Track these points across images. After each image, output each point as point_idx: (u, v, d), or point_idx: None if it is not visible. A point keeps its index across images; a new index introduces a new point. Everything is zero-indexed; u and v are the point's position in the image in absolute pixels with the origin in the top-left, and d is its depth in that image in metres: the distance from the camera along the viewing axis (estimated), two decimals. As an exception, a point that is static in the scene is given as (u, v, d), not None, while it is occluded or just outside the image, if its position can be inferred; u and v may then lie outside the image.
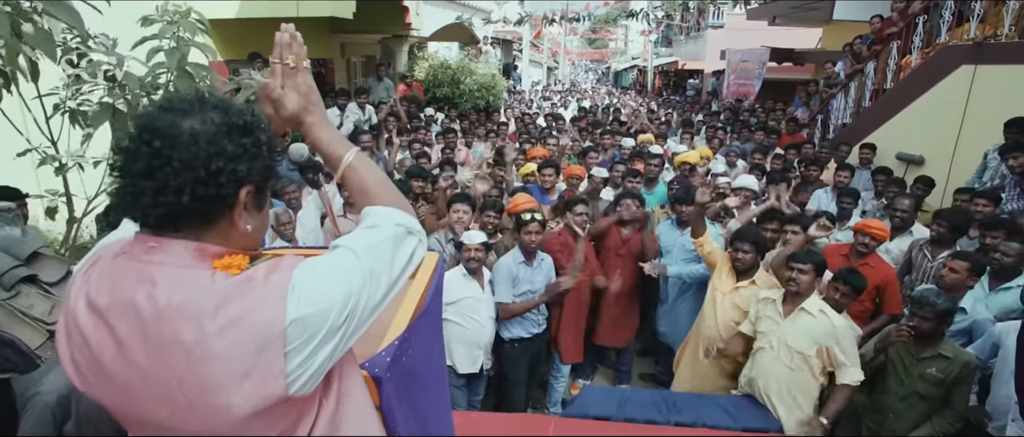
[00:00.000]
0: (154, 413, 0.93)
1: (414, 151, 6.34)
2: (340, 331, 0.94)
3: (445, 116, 9.08)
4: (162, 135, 0.89)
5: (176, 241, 0.92)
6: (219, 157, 0.90)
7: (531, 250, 3.73)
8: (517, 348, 3.79)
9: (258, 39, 7.45)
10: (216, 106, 0.95)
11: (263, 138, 0.98)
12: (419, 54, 10.83)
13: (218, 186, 0.91)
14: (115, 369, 0.91)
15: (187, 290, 0.89)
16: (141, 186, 0.89)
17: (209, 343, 0.87)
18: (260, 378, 0.88)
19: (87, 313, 0.93)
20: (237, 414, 0.90)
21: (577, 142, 7.35)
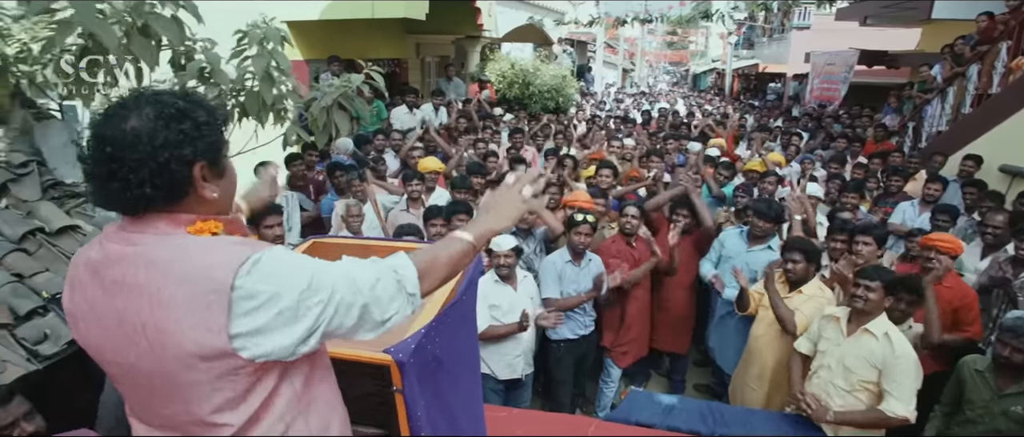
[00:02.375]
0: (125, 355, 1.07)
1: (479, 151, 6.45)
2: (295, 325, 1.03)
3: (514, 117, 9.17)
4: (111, 140, 1.00)
5: (152, 215, 1.05)
6: (164, 149, 1.01)
7: (579, 251, 3.71)
8: (563, 349, 3.79)
9: (336, 40, 7.84)
10: (150, 101, 1.04)
11: (201, 117, 1.07)
12: (490, 55, 10.99)
13: (171, 173, 1.02)
14: (101, 314, 1.08)
15: (160, 248, 1.03)
16: (109, 187, 1.01)
17: (169, 289, 1.00)
18: (206, 329, 0.99)
19: (85, 268, 1.10)
20: (187, 358, 1.01)
21: (643, 146, 7.24)
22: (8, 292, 2.25)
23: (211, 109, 1.10)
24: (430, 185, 5.06)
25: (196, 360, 1.01)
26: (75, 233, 2.66)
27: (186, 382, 1.03)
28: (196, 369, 1.02)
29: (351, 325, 1.11)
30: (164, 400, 1.08)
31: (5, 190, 2.69)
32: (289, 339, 1.03)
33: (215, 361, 1.01)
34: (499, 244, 3.41)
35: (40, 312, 2.24)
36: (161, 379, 1.05)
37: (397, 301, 1.15)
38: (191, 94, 1.11)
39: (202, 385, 1.03)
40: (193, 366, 1.02)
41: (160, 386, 1.07)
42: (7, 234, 2.51)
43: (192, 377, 1.03)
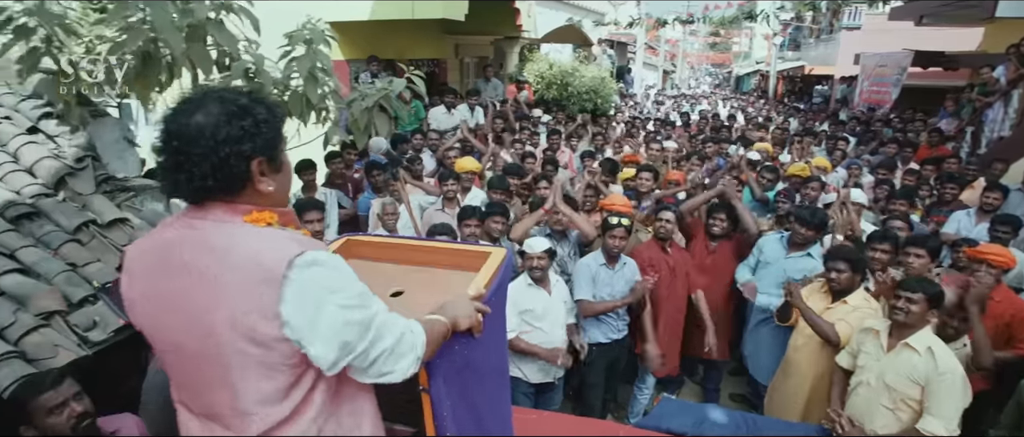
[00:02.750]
0: (180, 338, 1.13)
1: (516, 151, 6.46)
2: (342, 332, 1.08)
3: (552, 118, 9.14)
4: (177, 134, 1.08)
5: (213, 204, 1.13)
6: (226, 144, 1.08)
7: (613, 254, 3.67)
8: (595, 352, 3.74)
9: (376, 40, 7.97)
10: (215, 98, 1.11)
11: (261, 115, 1.13)
12: (529, 55, 10.99)
13: (231, 167, 1.09)
14: (161, 297, 1.14)
15: (217, 234, 1.10)
16: (176, 177, 1.09)
17: (225, 274, 1.06)
18: (259, 315, 1.05)
19: (147, 253, 1.18)
20: (239, 342, 1.07)
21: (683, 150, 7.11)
22: (62, 280, 2.37)
23: (271, 107, 1.16)
24: (466, 185, 5.09)
25: (251, 344, 1.06)
26: (124, 226, 2.78)
27: (236, 367, 1.09)
28: (247, 355, 1.07)
29: (371, 359, 1.14)
30: (212, 386, 1.13)
31: (62, 183, 2.83)
32: (331, 347, 1.08)
33: (266, 349, 1.07)
34: (532, 246, 3.38)
35: (91, 300, 2.35)
36: (212, 363, 1.11)
37: (408, 358, 1.20)
38: (254, 92, 1.18)
39: (250, 371, 1.09)
40: (244, 352, 1.07)
41: (210, 371, 1.12)
42: (63, 225, 2.64)
43: (242, 363, 1.08)
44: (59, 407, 1.85)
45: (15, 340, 2.07)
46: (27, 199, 2.69)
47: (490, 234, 3.92)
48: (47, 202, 2.71)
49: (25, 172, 2.83)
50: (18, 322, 2.11)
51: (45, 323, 2.17)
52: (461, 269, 1.86)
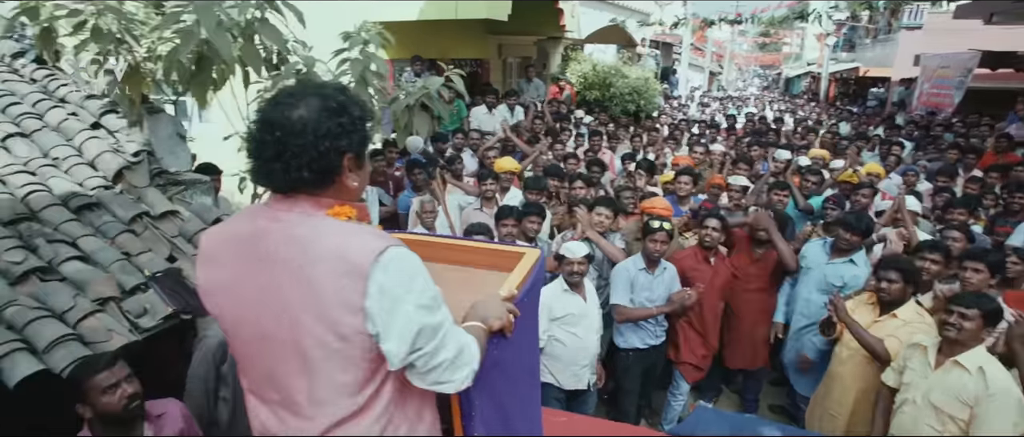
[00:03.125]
0: (262, 327, 1.16)
1: (557, 152, 6.43)
2: (412, 327, 1.10)
3: (594, 119, 9.08)
4: (280, 125, 1.10)
5: (299, 196, 1.15)
6: (325, 138, 1.10)
7: (654, 258, 3.60)
8: (631, 358, 3.69)
9: (420, 40, 8.07)
10: (314, 93, 1.13)
11: (356, 113, 1.16)
12: (572, 56, 10.92)
13: (327, 161, 1.12)
14: (243, 286, 1.17)
15: (303, 227, 1.13)
16: (272, 167, 1.11)
17: (311, 267, 1.08)
18: (345, 309, 1.08)
19: (230, 243, 1.20)
20: (323, 333, 1.09)
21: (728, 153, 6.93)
22: (117, 268, 2.49)
23: (363, 106, 1.19)
24: (505, 185, 5.09)
25: (334, 337, 1.09)
26: (174, 218, 2.90)
27: (316, 358, 1.11)
28: (328, 347, 1.10)
29: (433, 365, 1.15)
30: (289, 375, 1.16)
31: (120, 176, 2.98)
32: (403, 343, 1.10)
33: (350, 340, 1.09)
34: (572, 251, 3.32)
35: (142, 288, 2.46)
36: (292, 353, 1.13)
37: (465, 371, 1.21)
38: (347, 90, 1.20)
39: (330, 363, 1.11)
40: (329, 344, 1.09)
41: (289, 360, 1.14)
42: (119, 216, 2.77)
43: (323, 354, 1.11)
44: (112, 387, 1.95)
45: (74, 323, 2.19)
46: (89, 191, 2.84)
47: (526, 234, 3.92)
48: (106, 194, 2.85)
49: (88, 165, 2.99)
50: (77, 307, 2.22)
51: (101, 308, 2.28)
52: (496, 269, 1.86)
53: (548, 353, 3.44)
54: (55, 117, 3.14)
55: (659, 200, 4.23)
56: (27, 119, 3.08)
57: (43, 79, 3.39)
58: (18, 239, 2.44)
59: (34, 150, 2.95)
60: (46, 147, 2.98)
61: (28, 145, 2.95)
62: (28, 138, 3.00)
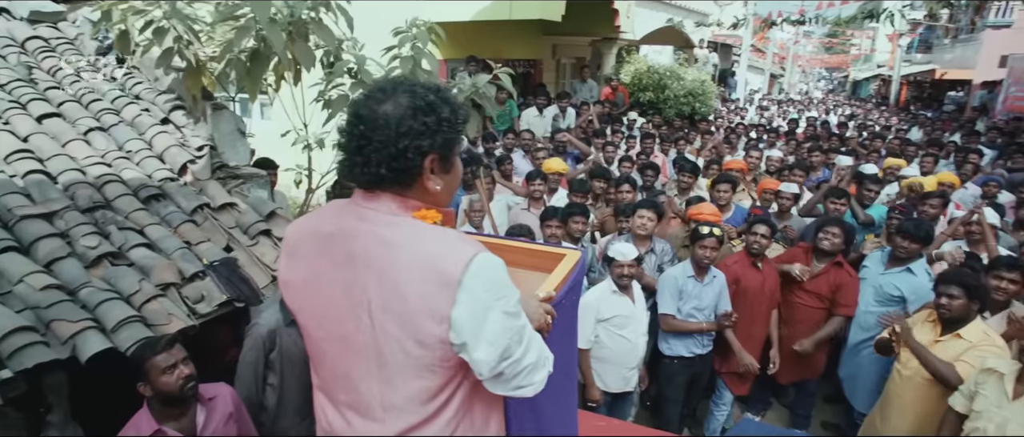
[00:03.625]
0: (341, 327, 1.15)
1: (607, 154, 6.36)
2: (500, 337, 1.07)
3: (647, 121, 8.92)
4: (365, 120, 1.08)
5: (385, 195, 1.13)
6: (406, 137, 1.07)
7: (703, 265, 3.51)
8: (676, 365, 3.61)
9: (474, 40, 8.15)
10: (406, 90, 1.11)
11: (445, 113, 1.12)
12: (627, 57, 10.77)
13: (406, 160, 1.08)
14: (326, 283, 1.16)
15: (391, 228, 1.10)
16: (353, 160, 1.10)
17: (400, 272, 1.06)
18: (429, 316, 1.05)
19: (315, 239, 1.19)
20: (404, 339, 1.07)
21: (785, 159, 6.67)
22: (179, 256, 2.63)
23: (456, 108, 1.15)
24: (553, 186, 5.09)
25: (413, 342, 1.07)
26: (232, 209, 3.03)
27: (393, 363, 1.10)
28: (410, 352, 1.08)
29: (519, 369, 1.13)
30: (364, 378, 1.14)
31: (185, 169, 3.14)
32: (492, 351, 1.07)
33: (430, 347, 1.07)
34: (622, 254, 3.29)
35: (200, 276, 2.58)
36: (371, 355, 1.12)
37: (542, 373, 1.19)
38: (442, 90, 1.16)
39: (407, 369, 1.09)
40: (408, 349, 1.07)
41: (365, 363, 1.13)
42: (183, 206, 2.93)
43: (402, 359, 1.09)
44: (170, 368, 2.05)
45: (138, 306, 2.32)
46: (156, 182, 3.01)
47: (571, 235, 3.89)
48: (171, 185, 3.02)
49: (156, 158, 3.16)
50: (141, 290, 2.36)
51: (162, 293, 2.42)
52: (536, 269, 1.85)
53: (595, 355, 3.43)
54: (130, 113, 3.35)
55: (707, 205, 4.12)
56: (106, 114, 3.29)
57: (122, 77, 3.61)
58: (94, 225, 2.61)
59: (111, 143, 3.15)
60: (121, 140, 3.18)
61: (106, 138, 3.15)
62: (106, 132, 3.20)
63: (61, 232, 2.52)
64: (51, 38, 3.72)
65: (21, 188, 2.66)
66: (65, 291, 2.27)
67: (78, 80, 3.46)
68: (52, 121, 3.09)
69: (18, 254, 2.36)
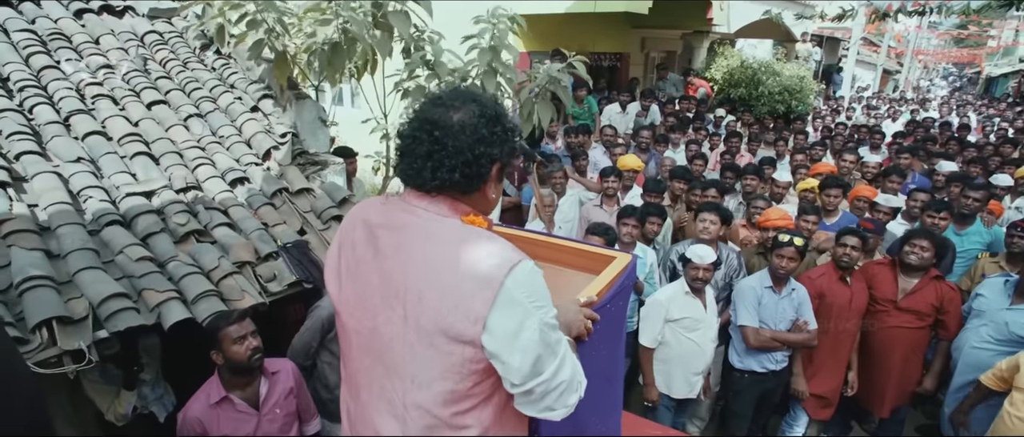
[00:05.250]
0: (373, 317, 1.16)
1: (689, 152, 6.11)
2: (535, 347, 1.06)
3: (735, 118, 8.47)
4: (440, 126, 1.10)
5: (440, 197, 1.15)
6: (480, 144, 1.11)
7: (780, 276, 3.28)
8: (747, 380, 3.41)
9: (559, 33, 8.08)
10: (473, 100, 1.14)
11: (508, 124, 1.17)
12: (719, 51, 10.26)
13: (479, 167, 1.12)
14: (366, 272, 1.18)
15: (440, 225, 1.12)
16: (423, 164, 1.11)
17: (442, 267, 1.07)
18: (465, 314, 1.04)
19: (362, 227, 1.22)
20: (436, 335, 1.08)
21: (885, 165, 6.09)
22: (256, 236, 2.81)
23: (511, 121, 1.20)
24: (627, 184, 4.96)
25: (445, 339, 1.06)
26: (308, 194, 3.19)
27: (422, 358, 1.09)
28: (439, 348, 1.07)
29: (551, 388, 1.11)
30: (390, 372, 1.14)
31: (268, 154, 3.34)
32: (527, 359, 1.05)
33: (459, 346, 1.06)
34: (701, 256, 3.18)
35: (273, 256, 2.75)
36: (399, 348, 1.12)
37: (574, 397, 1.16)
38: (500, 102, 1.22)
39: (435, 367, 1.09)
40: (438, 345, 1.07)
41: (394, 356, 1.13)
42: (264, 190, 3.12)
43: (430, 355, 1.09)
44: (241, 339, 2.20)
45: (217, 281, 2.51)
46: (242, 166, 3.23)
47: (647, 236, 3.78)
48: (255, 170, 3.22)
49: (244, 143, 3.40)
50: (220, 267, 2.55)
51: (238, 271, 2.59)
52: (584, 271, 1.81)
53: (659, 356, 3.35)
54: (225, 100, 3.61)
55: (774, 210, 3.83)
56: (204, 102, 3.57)
57: (220, 67, 3.90)
58: (185, 205, 2.84)
59: (206, 129, 3.42)
60: (215, 126, 3.44)
61: (202, 124, 3.43)
62: (203, 118, 3.48)
63: (157, 209, 2.76)
64: (165, 32, 4.08)
65: (129, 169, 2.95)
66: (156, 263, 2.49)
67: (184, 70, 3.78)
68: (159, 108, 3.40)
69: (121, 227, 2.61)
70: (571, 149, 5.92)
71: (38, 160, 2.74)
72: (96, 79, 3.36)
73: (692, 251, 3.24)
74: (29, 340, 2.03)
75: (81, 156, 2.85)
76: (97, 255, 2.41)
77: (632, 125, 7.55)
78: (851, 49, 12.59)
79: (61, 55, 3.45)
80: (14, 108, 2.97)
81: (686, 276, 3.26)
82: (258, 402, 2.27)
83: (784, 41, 13.16)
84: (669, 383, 3.37)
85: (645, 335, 3.34)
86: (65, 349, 2.04)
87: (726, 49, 10.33)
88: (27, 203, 2.52)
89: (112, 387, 2.66)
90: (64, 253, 2.36)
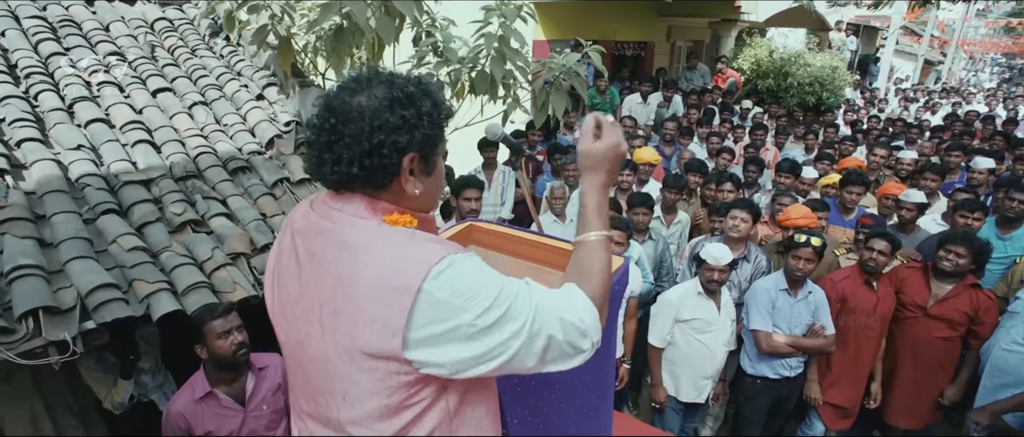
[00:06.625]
0: (297, 330, 1.06)
1: (712, 146, 5.90)
2: (473, 343, 0.93)
3: (762, 111, 8.19)
4: (337, 113, 0.98)
5: (356, 195, 1.03)
6: (380, 130, 0.97)
7: (796, 278, 3.12)
8: (759, 386, 3.26)
9: (582, 20, 7.90)
10: (384, 81, 1.01)
11: (425, 107, 1.01)
12: (748, 40, 9.93)
13: (380, 157, 0.98)
14: (289, 282, 1.08)
15: (353, 230, 1.00)
16: (322, 157, 1.00)
17: (356, 276, 0.95)
18: (381, 327, 0.93)
19: (288, 233, 1.12)
20: (355, 352, 0.97)
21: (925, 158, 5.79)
22: (253, 227, 2.76)
23: (439, 102, 1.05)
24: (643, 177, 4.82)
25: (363, 356, 0.96)
26: (310, 184, 3.14)
27: (346, 376, 1.00)
28: (360, 366, 0.97)
29: (530, 365, 0.99)
30: (319, 389, 1.06)
31: (272, 143, 3.30)
32: (463, 354, 0.94)
33: (382, 362, 0.96)
34: (716, 257, 3.04)
35: (270, 248, 2.70)
36: (323, 365, 1.02)
37: (577, 359, 1.02)
38: (426, 83, 1.05)
39: (361, 384, 0.99)
40: (358, 362, 0.97)
41: (320, 373, 1.04)
42: (265, 180, 3.08)
43: (354, 373, 0.99)
44: (225, 334, 2.16)
45: (209, 273, 2.47)
46: (244, 155, 3.19)
47: (636, 227, 3.66)
48: (257, 159, 3.19)
49: (248, 132, 3.36)
50: (213, 258, 2.51)
51: (232, 262, 2.55)
52: (572, 272, 1.71)
53: (668, 358, 3.25)
54: (231, 88, 3.58)
55: (796, 208, 3.63)
56: (210, 89, 3.55)
57: (228, 55, 3.87)
58: (183, 194, 2.81)
59: (210, 116, 3.39)
60: (220, 114, 3.41)
61: (206, 112, 3.40)
62: (208, 106, 3.45)
63: (155, 198, 2.74)
64: (175, 19, 4.07)
65: (130, 157, 2.93)
66: (149, 253, 2.46)
67: (192, 57, 3.76)
68: (164, 95, 3.38)
69: (117, 216, 2.59)
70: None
71: (39, 147, 2.74)
72: (103, 66, 3.36)
73: (706, 251, 3.09)
74: (15, 330, 2.02)
75: (81, 144, 2.84)
76: (90, 244, 2.39)
77: (653, 116, 7.36)
78: (890, 38, 12.08)
79: (70, 42, 3.46)
80: (19, 95, 2.98)
81: (700, 277, 3.13)
82: (244, 398, 2.23)
83: (817, 30, 12.69)
84: (677, 385, 3.27)
85: (654, 334, 3.23)
86: (50, 340, 2.03)
87: (755, 38, 9.99)
88: (24, 190, 2.52)
89: (110, 376, 2.66)
90: (57, 242, 2.35)
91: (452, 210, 3.76)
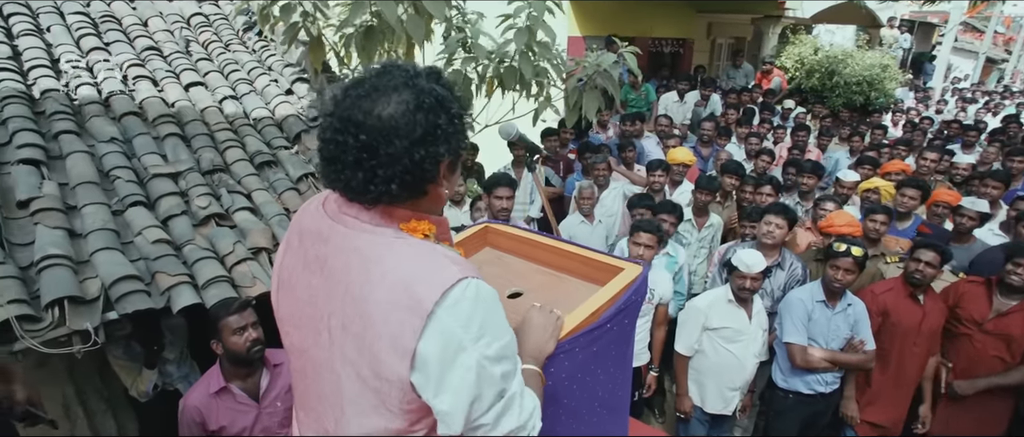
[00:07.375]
0: (303, 337, 1.02)
1: (750, 147, 5.69)
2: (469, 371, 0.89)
3: (806, 111, 7.87)
4: (365, 128, 0.88)
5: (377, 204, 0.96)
6: (420, 145, 0.90)
7: (834, 289, 2.95)
8: (791, 401, 3.11)
9: (619, 17, 7.74)
10: (405, 84, 0.91)
11: (454, 109, 0.94)
12: (792, 38, 9.56)
13: (423, 172, 0.92)
14: (296, 286, 1.03)
15: (370, 238, 0.94)
16: (352, 175, 0.91)
17: (367, 290, 0.89)
18: (390, 345, 0.88)
19: (296, 233, 1.07)
20: (362, 366, 0.92)
21: (987, 165, 5.43)
22: (276, 222, 2.77)
23: (460, 99, 0.98)
24: (676, 178, 4.68)
25: (371, 374, 0.92)
26: (333, 181, 3.13)
27: (350, 391, 0.95)
28: (365, 382, 0.93)
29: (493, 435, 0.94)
30: (321, 399, 1.02)
31: (298, 138, 3.31)
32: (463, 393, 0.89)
33: (387, 383, 0.91)
34: (748, 264, 2.90)
35: (290, 244, 2.70)
36: (327, 376, 0.98)
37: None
38: (443, 78, 0.98)
39: (364, 401, 0.94)
40: (363, 378, 0.93)
41: (323, 383, 1.00)
42: (290, 174, 3.09)
43: (358, 388, 0.94)
44: (241, 330, 2.16)
45: (230, 267, 2.48)
46: (270, 150, 3.21)
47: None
48: (284, 154, 3.20)
49: (276, 126, 3.38)
50: (234, 252, 2.52)
51: (253, 257, 2.56)
52: (589, 281, 1.64)
53: (694, 367, 3.15)
54: (261, 83, 3.61)
55: (839, 215, 3.45)
56: (241, 84, 3.59)
57: (260, 50, 3.91)
58: (209, 187, 2.84)
59: (239, 110, 3.42)
60: (249, 108, 3.44)
61: (236, 106, 3.43)
62: (238, 100, 3.49)
63: (181, 191, 2.78)
64: (211, 14, 4.14)
65: (160, 150, 2.98)
66: (173, 246, 2.49)
67: (225, 52, 3.81)
68: (196, 89, 3.43)
69: (144, 208, 2.64)
70: (625, 137, 5.65)
71: (74, 139, 2.81)
72: (139, 60, 3.43)
73: (738, 258, 2.95)
74: (41, 318, 2.06)
75: (114, 136, 2.90)
76: (117, 236, 2.43)
77: (690, 115, 7.15)
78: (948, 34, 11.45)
79: (110, 37, 3.55)
80: (60, 88, 3.06)
81: (732, 284, 3.00)
82: (259, 394, 2.23)
83: (868, 26, 12.14)
84: (702, 395, 3.16)
85: (681, 342, 3.12)
86: (74, 329, 2.06)
87: (799, 36, 9.61)
88: (57, 181, 2.58)
89: (135, 364, 2.71)
90: (86, 232, 2.40)
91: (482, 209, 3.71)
